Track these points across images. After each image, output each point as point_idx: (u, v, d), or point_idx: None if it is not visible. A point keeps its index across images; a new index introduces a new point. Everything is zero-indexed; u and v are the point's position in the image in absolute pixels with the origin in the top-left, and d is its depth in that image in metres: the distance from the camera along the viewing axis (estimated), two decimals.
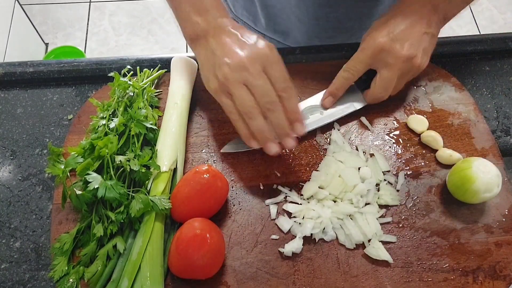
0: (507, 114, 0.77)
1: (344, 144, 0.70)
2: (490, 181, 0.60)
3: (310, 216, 0.63)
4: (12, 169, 0.69)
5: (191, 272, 0.57)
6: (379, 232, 0.62)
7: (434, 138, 0.69)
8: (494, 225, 0.64)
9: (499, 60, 0.83)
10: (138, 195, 0.59)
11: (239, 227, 0.63)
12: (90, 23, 2.30)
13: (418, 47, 0.66)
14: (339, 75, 0.70)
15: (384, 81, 0.67)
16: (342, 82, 0.70)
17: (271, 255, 0.61)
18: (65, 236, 0.59)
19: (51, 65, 0.78)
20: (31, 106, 0.75)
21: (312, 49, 0.81)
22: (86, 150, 0.63)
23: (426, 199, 0.66)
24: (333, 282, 0.59)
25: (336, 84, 0.71)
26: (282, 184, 0.67)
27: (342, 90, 0.71)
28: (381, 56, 0.66)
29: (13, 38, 1.84)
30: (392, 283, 0.59)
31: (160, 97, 0.74)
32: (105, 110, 0.67)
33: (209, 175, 0.61)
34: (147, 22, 2.30)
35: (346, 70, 0.70)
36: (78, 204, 0.60)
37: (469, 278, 0.60)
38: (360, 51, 0.68)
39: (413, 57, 0.65)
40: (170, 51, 2.23)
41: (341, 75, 0.70)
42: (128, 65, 0.77)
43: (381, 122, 0.73)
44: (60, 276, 0.57)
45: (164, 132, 0.66)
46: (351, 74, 0.69)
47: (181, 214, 0.60)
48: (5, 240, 0.63)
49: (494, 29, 2.35)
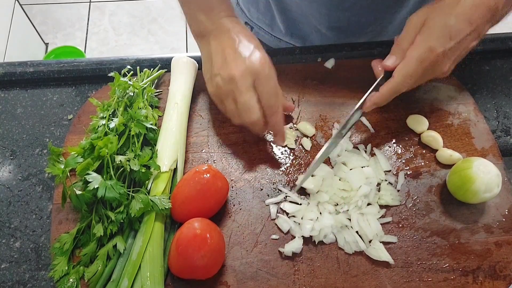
0: (507, 114, 0.77)
1: (348, 143, 0.70)
2: (490, 181, 0.60)
3: (309, 217, 0.63)
4: (12, 169, 0.69)
5: (191, 272, 0.57)
6: (380, 233, 0.62)
7: (434, 138, 0.69)
8: (494, 225, 0.64)
9: (499, 60, 0.83)
10: (138, 195, 0.59)
11: (239, 227, 0.63)
12: (90, 23, 2.30)
13: (455, 62, 0.63)
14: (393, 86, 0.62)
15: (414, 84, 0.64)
16: (393, 93, 0.63)
17: (271, 255, 0.61)
18: (65, 236, 0.59)
19: (51, 65, 0.78)
20: (31, 106, 0.75)
21: (312, 49, 0.80)
22: (86, 150, 0.63)
23: (426, 199, 0.66)
24: (333, 282, 0.59)
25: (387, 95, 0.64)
26: (282, 184, 0.67)
27: (390, 99, 0.65)
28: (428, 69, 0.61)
29: (13, 38, 1.84)
30: (392, 283, 0.59)
31: (160, 97, 0.74)
32: (105, 110, 0.67)
33: (209, 175, 0.61)
34: (147, 22, 2.30)
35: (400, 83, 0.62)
36: (78, 204, 0.60)
37: (469, 278, 0.60)
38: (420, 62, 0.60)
39: (446, 72, 0.63)
40: (170, 51, 2.23)
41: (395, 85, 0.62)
42: (128, 65, 0.77)
43: (381, 122, 0.73)
44: (60, 276, 0.57)
45: (164, 132, 0.66)
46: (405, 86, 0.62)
47: (181, 214, 0.60)
48: (5, 240, 0.63)
49: (494, 29, 2.34)
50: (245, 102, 0.61)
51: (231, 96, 0.62)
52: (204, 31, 0.66)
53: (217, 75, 0.62)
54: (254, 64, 0.60)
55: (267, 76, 0.61)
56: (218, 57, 0.63)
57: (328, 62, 0.78)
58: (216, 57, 0.63)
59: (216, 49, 0.64)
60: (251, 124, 0.63)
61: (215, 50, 0.64)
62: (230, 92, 0.62)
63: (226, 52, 0.62)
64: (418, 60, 0.60)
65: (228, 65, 0.61)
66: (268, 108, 0.62)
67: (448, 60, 0.61)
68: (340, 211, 0.64)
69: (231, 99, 0.62)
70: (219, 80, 0.62)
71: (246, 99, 0.61)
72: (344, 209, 0.64)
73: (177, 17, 2.31)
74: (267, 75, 0.61)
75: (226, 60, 0.62)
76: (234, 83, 0.60)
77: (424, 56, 0.60)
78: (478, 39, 0.62)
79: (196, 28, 0.68)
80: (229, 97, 0.62)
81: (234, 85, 0.61)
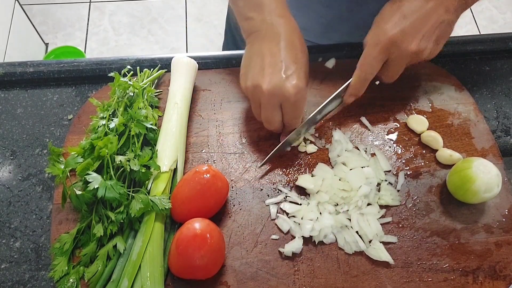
0: (507, 114, 0.77)
1: (348, 143, 0.70)
2: (490, 181, 0.60)
3: (309, 217, 0.63)
4: (12, 169, 0.69)
5: (191, 272, 0.57)
6: (380, 233, 0.62)
7: (434, 138, 0.69)
8: (494, 225, 0.64)
9: (499, 60, 0.83)
10: (138, 195, 0.59)
11: (239, 227, 0.63)
12: (90, 23, 2.30)
13: (429, 39, 0.63)
14: (358, 77, 0.66)
15: (392, 72, 0.67)
16: (362, 83, 0.67)
17: (271, 255, 0.61)
18: (65, 236, 0.59)
19: (51, 65, 0.78)
20: (31, 106, 0.75)
21: (312, 49, 0.80)
22: (86, 150, 0.63)
23: (426, 199, 0.66)
24: (333, 282, 0.59)
25: (357, 86, 0.67)
26: (282, 184, 0.67)
27: (363, 89, 0.68)
28: (391, 49, 0.63)
29: (13, 38, 1.84)
30: (392, 283, 0.59)
31: (160, 97, 0.74)
32: (105, 110, 0.67)
33: (209, 175, 0.61)
34: (147, 22, 2.30)
35: (363, 71, 0.66)
36: (78, 204, 0.60)
37: (469, 278, 0.60)
38: (373, 46, 0.64)
39: (422, 51, 0.63)
40: (170, 51, 2.23)
41: (359, 76, 0.66)
42: (128, 65, 0.77)
43: (381, 122, 0.73)
44: (60, 276, 0.57)
45: (164, 132, 0.66)
46: (369, 74, 0.66)
47: (181, 214, 0.60)
48: (5, 240, 0.63)
49: (494, 29, 2.35)
50: (267, 116, 0.64)
51: (257, 102, 0.63)
52: (253, 28, 0.64)
53: (250, 80, 0.62)
54: (287, 89, 0.60)
55: (295, 104, 0.61)
56: (258, 62, 0.62)
57: (328, 62, 0.78)
58: (256, 60, 0.62)
59: (258, 52, 0.62)
60: (268, 128, 0.67)
61: (257, 53, 0.62)
62: (257, 99, 0.63)
63: (265, 61, 0.61)
64: (371, 45, 0.64)
65: (263, 76, 0.61)
66: (287, 124, 0.66)
67: (414, 39, 0.62)
68: (340, 211, 0.64)
69: (256, 103, 0.64)
70: (250, 85, 0.62)
71: (269, 115, 0.63)
72: (344, 209, 0.64)
73: (177, 17, 2.31)
74: (296, 103, 0.61)
75: (263, 69, 0.61)
76: (263, 96, 0.61)
77: (376, 40, 0.63)
78: (450, 12, 0.63)
79: (246, 27, 0.65)
80: (254, 101, 0.64)
81: (262, 97, 0.62)
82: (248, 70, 0.63)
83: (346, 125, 0.73)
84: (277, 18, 0.62)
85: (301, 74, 0.61)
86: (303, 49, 0.64)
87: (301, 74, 0.61)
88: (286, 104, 0.62)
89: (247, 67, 0.64)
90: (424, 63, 0.78)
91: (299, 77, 0.60)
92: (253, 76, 0.62)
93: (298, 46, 0.63)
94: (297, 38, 0.63)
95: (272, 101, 0.61)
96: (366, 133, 0.72)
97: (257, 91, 0.62)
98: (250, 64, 0.63)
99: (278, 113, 0.63)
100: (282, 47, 0.61)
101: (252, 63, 0.63)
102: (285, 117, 0.64)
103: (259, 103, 0.63)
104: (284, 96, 0.60)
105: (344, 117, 0.73)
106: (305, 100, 0.63)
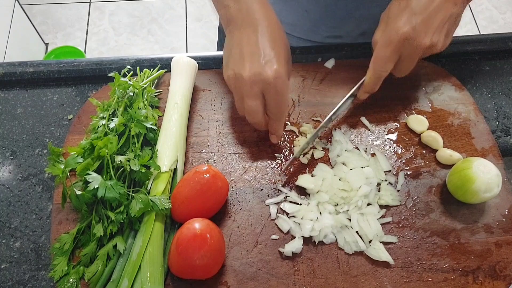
0: (507, 114, 0.77)
1: (348, 144, 0.70)
2: (490, 181, 0.60)
3: (309, 217, 0.63)
4: (12, 169, 0.69)
5: (191, 272, 0.57)
6: (380, 233, 0.62)
7: (434, 138, 0.69)
8: (494, 225, 0.64)
9: (499, 60, 0.83)
10: (138, 195, 0.59)
11: (239, 227, 0.63)
12: (90, 23, 2.30)
13: (440, 33, 0.63)
14: (372, 76, 0.67)
15: (405, 67, 0.67)
16: (376, 81, 0.67)
17: (271, 255, 0.61)
18: (65, 236, 0.59)
19: (51, 65, 0.78)
20: (31, 106, 0.75)
21: (312, 49, 0.81)
22: (86, 150, 0.63)
23: (426, 199, 0.66)
24: (333, 282, 0.59)
25: (371, 85, 0.68)
26: (282, 184, 0.67)
27: (377, 87, 0.68)
28: (404, 46, 0.63)
29: (13, 38, 1.84)
30: (392, 283, 0.59)
31: (160, 97, 0.74)
32: (105, 110, 0.67)
33: (209, 175, 0.61)
34: (147, 22, 2.30)
35: (377, 70, 0.66)
36: (78, 204, 0.60)
37: (469, 278, 0.60)
38: (385, 46, 0.63)
39: (435, 45, 0.63)
40: (170, 51, 2.23)
41: (373, 75, 0.66)
42: (128, 65, 0.77)
43: (381, 122, 0.73)
44: (60, 276, 0.57)
45: (164, 132, 0.66)
46: (383, 72, 0.66)
47: (181, 214, 0.60)
48: (5, 240, 0.63)
49: (494, 29, 2.35)
50: (250, 106, 0.62)
51: (239, 93, 0.63)
52: (231, 18, 0.63)
53: (231, 70, 0.62)
54: (267, 75, 0.59)
55: (277, 90, 0.61)
56: (237, 51, 0.62)
57: (328, 62, 0.78)
58: (235, 50, 0.62)
59: (237, 41, 0.62)
60: (252, 123, 0.65)
61: (236, 42, 0.62)
62: (238, 89, 0.63)
63: (244, 50, 0.61)
64: (383, 45, 0.64)
65: (243, 64, 0.61)
66: (272, 115, 0.64)
67: (426, 34, 0.62)
68: (340, 211, 0.64)
69: (239, 95, 0.63)
70: (231, 74, 0.62)
71: (251, 104, 0.62)
72: (344, 209, 0.64)
73: (177, 17, 2.31)
74: (278, 89, 0.61)
75: (243, 57, 0.61)
76: (244, 84, 0.61)
77: (387, 39, 0.63)
78: (458, 5, 0.63)
79: (224, 15, 0.65)
80: (237, 92, 0.64)
81: (243, 86, 0.61)
82: (229, 61, 0.63)
83: (346, 125, 0.73)
84: (253, 5, 0.62)
85: (280, 59, 0.61)
86: (281, 35, 0.64)
87: (280, 59, 0.61)
88: (267, 90, 0.61)
89: (227, 58, 0.64)
90: (424, 63, 0.78)
91: (279, 62, 0.60)
92: (234, 65, 0.62)
93: (276, 32, 0.63)
94: (274, 24, 0.63)
95: (253, 89, 0.61)
96: (366, 133, 0.72)
97: (239, 81, 0.61)
98: (230, 55, 0.63)
99: (261, 102, 0.62)
100: (260, 34, 0.61)
101: (232, 53, 0.62)
102: (269, 107, 0.63)
103: (242, 95, 0.63)
104: (265, 82, 0.60)
105: (344, 117, 0.73)
106: (287, 86, 0.62)
